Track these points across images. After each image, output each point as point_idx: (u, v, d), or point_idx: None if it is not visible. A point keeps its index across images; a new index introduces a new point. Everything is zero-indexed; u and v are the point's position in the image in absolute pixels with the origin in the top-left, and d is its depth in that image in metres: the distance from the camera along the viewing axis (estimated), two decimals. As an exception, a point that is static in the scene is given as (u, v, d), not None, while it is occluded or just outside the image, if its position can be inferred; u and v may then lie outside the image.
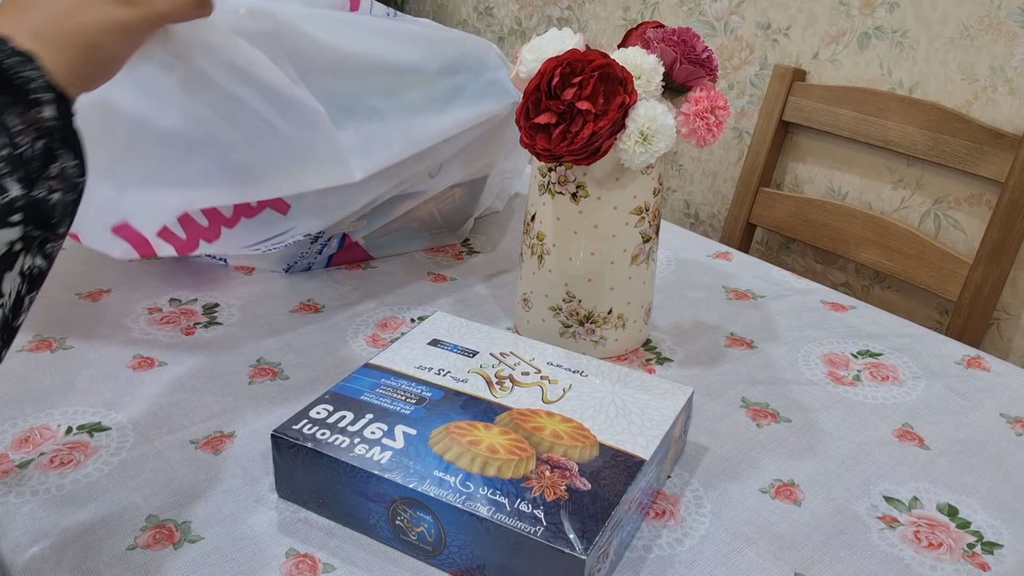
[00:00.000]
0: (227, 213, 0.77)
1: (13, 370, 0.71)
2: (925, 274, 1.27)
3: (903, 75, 1.32)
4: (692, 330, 0.84)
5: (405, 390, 0.61)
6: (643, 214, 0.73)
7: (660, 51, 0.69)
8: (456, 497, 0.51)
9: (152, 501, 0.57)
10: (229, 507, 0.57)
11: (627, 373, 0.64)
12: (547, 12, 1.88)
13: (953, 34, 1.25)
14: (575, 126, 0.65)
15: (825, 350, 0.82)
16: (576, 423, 0.58)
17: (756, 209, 1.48)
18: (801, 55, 1.45)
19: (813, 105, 1.40)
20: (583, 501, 0.51)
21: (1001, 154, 1.18)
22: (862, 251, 1.35)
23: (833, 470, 0.64)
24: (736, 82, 1.56)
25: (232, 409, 0.67)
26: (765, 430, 0.69)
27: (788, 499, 0.61)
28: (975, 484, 0.64)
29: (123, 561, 0.52)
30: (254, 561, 0.53)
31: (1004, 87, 1.21)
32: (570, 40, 0.70)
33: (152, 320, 0.80)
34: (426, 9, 2.20)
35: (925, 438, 0.69)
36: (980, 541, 0.58)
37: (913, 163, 1.33)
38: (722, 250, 1.04)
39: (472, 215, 1.02)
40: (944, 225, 1.31)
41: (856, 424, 0.70)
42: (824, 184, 1.46)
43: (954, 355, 0.82)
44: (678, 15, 1.61)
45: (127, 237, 0.73)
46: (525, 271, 0.78)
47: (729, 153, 1.60)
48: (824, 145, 1.45)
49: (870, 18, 1.34)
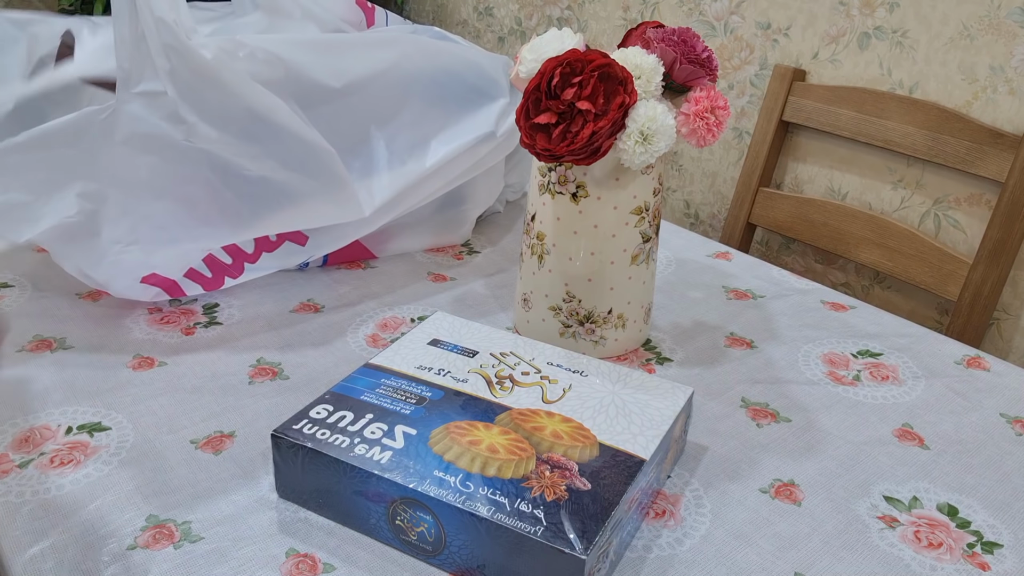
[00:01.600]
0: (248, 249, 0.82)
1: (13, 370, 0.71)
2: (925, 274, 1.27)
3: (903, 75, 1.32)
4: (692, 330, 0.84)
5: (405, 390, 0.61)
6: (643, 214, 0.73)
7: (660, 51, 0.70)
8: (456, 497, 0.51)
9: (152, 501, 0.57)
10: (229, 507, 0.57)
11: (627, 373, 0.64)
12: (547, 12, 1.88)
13: (953, 34, 1.25)
14: (575, 126, 0.65)
15: (825, 350, 0.82)
16: (576, 423, 0.58)
17: (756, 209, 1.48)
18: (801, 55, 1.45)
19: (813, 105, 1.40)
20: (583, 501, 0.51)
21: (1001, 154, 1.18)
22: (862, 251, 1.35)
23: (833, 470, 0.64)
24: (736, 82, 1.56)
25: (232, 409, 0.67)
26: (765, 430, 0.69)
27: (788, 499, 0.61)
28: (975, 484, 0.64)
29: (123, 561, 0.52)
30: (254, 561, 0.53)
31: (1004, 87, 1.21)
32: (570, 40, 0.70)
33: (152, 320, 0.80)
34: (426, 9, 2.20)
35: (925, 438, 0.69)
36: (980, 541, 0.58)
37: (913, 163, 1.33)
38: (722, 250, 1.04)
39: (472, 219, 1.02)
40: (944, 225, 1.31)
41: (856, 424, 0.70)
42: (824, 184, 1.46)
43: (954, 355, 0.82)
44: (678, 15, 1.61)
45: (156, 283, 0.78)
46: (525, 271, 0.78)
47: (729, 153, 1.60)
48: (824, 145, 1.45)
49: (870, 18, 1.34)
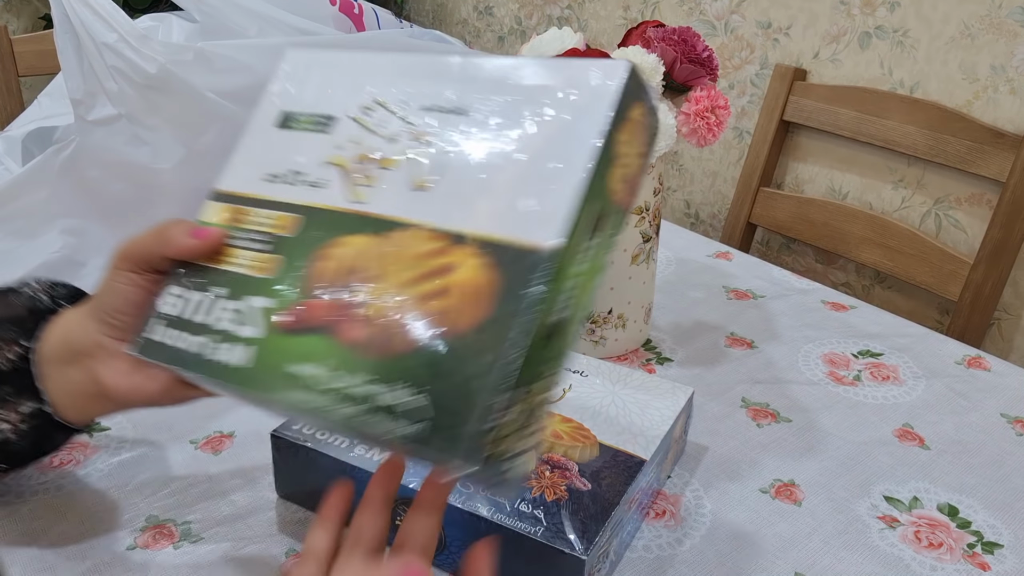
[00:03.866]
0: None
1: (13, 370, 0.71)
2: (926, 274, 1.27)
3: (904, 75, 1.32)
4: (692, 330, 0.84)
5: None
6: (643, 214, 0.73)
7: (660, 50, 0.69)
8: (456, 497, 0.51)
9: (152, 501, 0.57)
10: (229, 507, 0.57)
11: (627, 373, 0.64)
12: (547, 11, 1.88)
13: (954, 33, 1.25)
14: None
15: (825, 350, 0.82)
16: (576, 423, 0.58)
17: (756, 209, 1.48)
18: (802, 54, 1.45)
19: (814, 105, 1.40)
20: (583, 501, 0.51)
21: (1002, 154, 1.18)
22: (863, 251, 1.35)
23: (833, 470, 0.64)
24: (736, 81, 1.56)
25: (232, 409, 0.67)
26: (765, 430, 0.69)
27: (788, 499, 0.61)
28: (975, 484, 0.64)
29: (123, 561, 0.52)
30: (254, 561, 0.53)
31: (1005, 87, 1.21)
32: (570, 39, 0.70)
33: (152, 320, 0.80)
34: (426, 9, 2.20)
35: (925, 438, 0.69)
36: (980, 541, 0.58)
37: (914, 163, 1.33)
38: (722, 250, 1.04)
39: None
40: (945, 225, 1.31)
41: (856, 424, 0.70)
42: (825, 184, 1.46)
43: (954, 355, 0.82)
44: (678, 14, 1.61)
45: None
46: (525, 271, 0.78)
47: (729, 153, 1.60)
48: (825, 145, 1.44)
49: (871, 17, 1.34)
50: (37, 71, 1.35)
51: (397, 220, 0.42)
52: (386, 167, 0.44)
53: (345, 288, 0.41)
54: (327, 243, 0.43)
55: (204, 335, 0.44)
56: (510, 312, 0.38)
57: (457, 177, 0.42)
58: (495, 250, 0.39)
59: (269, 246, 0.45)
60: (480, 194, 0.41)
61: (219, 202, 0.48)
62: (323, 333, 0.41)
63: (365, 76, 0.48)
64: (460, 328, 0.38)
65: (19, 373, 0.49)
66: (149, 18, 0.88)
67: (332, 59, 0.50)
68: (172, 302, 0.46)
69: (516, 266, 0.38)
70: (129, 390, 0.47)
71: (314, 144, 0.47)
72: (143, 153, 0.72)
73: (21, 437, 0.49)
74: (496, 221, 0.40)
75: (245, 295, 0.44)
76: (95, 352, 0.47)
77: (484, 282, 0.39)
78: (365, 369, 0.39)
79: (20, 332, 0.49)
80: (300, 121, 0.49)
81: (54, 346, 0.49)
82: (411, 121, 0.45)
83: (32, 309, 0.50)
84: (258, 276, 0.44)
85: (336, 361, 0.40)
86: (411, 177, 0.43)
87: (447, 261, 0.40)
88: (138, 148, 0.72)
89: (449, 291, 0.39)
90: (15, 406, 0.49)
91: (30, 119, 0.88)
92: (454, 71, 0.45)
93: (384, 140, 0.45)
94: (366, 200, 0.44)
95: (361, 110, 0.47)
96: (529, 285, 0.38)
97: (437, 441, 0.36)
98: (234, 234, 0.46)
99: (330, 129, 0.47)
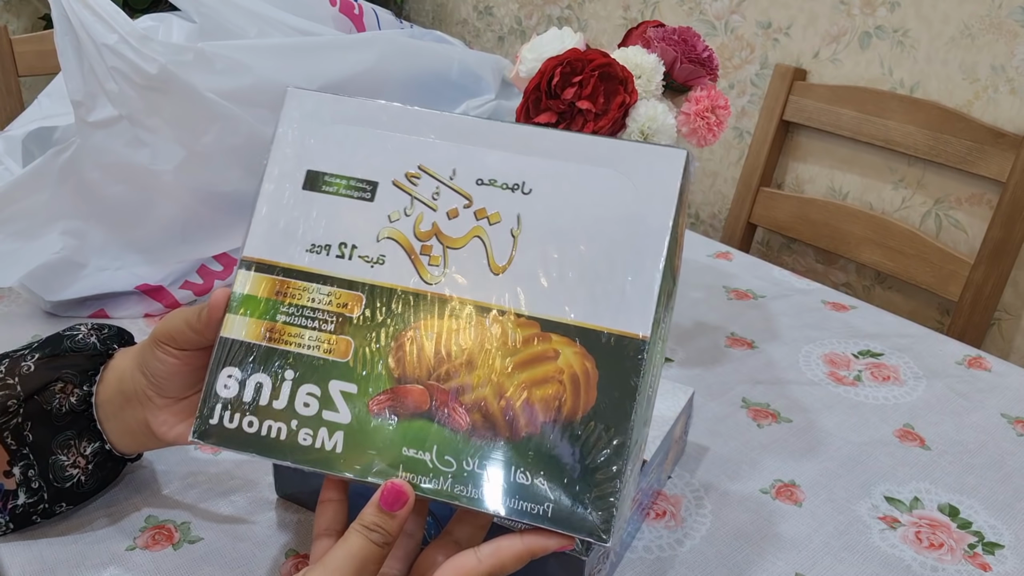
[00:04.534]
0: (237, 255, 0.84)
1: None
2: (926, 274, 1.26)
3: (904, 75, 1.32)
4: (692, 330, 0.84)
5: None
6: (644, 214, 0.73)
7: (661, 50, 0.69)
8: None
9: (152, 501, 0.57)
10: (229, 507, 0.57)
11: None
12: (547, 11, 1.88)
13: (954, 33, 1.25)
14: (575, 125, 0.64)
15: (826, 350, 0.82)
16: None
17: (757, 209, 1.48)
18: (802, 54, 1.44)
19: (814, 105, 1.40)
20: (583, 502, 0.51)
21: (1002, 154, 1.18)
22: (863, 251, 1.34)
23: (834, 470, 0.64)
24: (737, 81, 1.56)
25: (232, 409, 0.67)
26: (766, 430, 0.69)
27: (789, 500, 0.61)
28: (976, 484, 0.64)
29: (123, 561, 0.52)
30: (254, 561, 0.53)
31: (1005, 87, 1.21)
32: (570, 39, 0.70)
33: (150, 321, 0.80)
34: (426, 9, 2.20)
35: (926, 438, 0.69)
36: (981, 541, 0.58)
37: (914, 163, 1.33)
38: (723, 250, 1.04)
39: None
40: (945, 225, 1.31)
41: (857, 424, 0.70)
42: (825, 184, 1.46)
43: (955, 355, 0.82)
44: (678, 14, 1.61)
45: (150, 294, 0.81)
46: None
47: (730, 153, 1.60)
48: (825, 145, 1.44)
49: (871, 17, 1.34)
50: (37, 71, 1.34)
51: (479, 304, 0.43)
52: (453, 247, 0.44)
53: (439, 373, 0.42)
54: (405, 326, 0.43)
55: (281, 420, 0.43)
56: (620, 398, 0.40)
57: (531, 259, 0.43)
58: (590, 337, 0.41)
59: (332, 326, 0.44)
60: (560, 279, 0.42)
61: (257, 272, 0.45)
62: (425, 419, 0.42)
63: (397, 133, 0.46)
64: (571, 415, 0.41)
65: (80, 416, 0.52)
66: (149, 18, 0.88)
67: (351, 109, 0.47)
68: (232, 386, 0.44)
69: (616, 354, 0.41)
70: (176, 438, 0.51)
71: (359, 213, 0.45)
72: (143, 155, 0.72)
73: (89, 477, 0.53)
74: (583, 308, 0.42)
75: (325, 379, 0.43)
76: (145, 403, 0.51)
77: (588, 369, 0.41)
78: (473, 454, 0.41)
79: (80, 377, 0.52)
80: (334, 184, 0.46)
81: (110, 391, 0.52)
82: (467, 193, 0.45)
83: (87, 354, 0.53)
84: (331, 359, 0.43)
85: (443, 447, 0.41)
86: (483, 258, 0.44)
87: (545, 348, 0.42)
88: (138, 150, 0.72)
89: (553, 379, 0.41)
90: (80, 449, 0.52)
91: (30, 119, 0.88)
92: (504, 138, 0.45)
93: (442, 215, 0.44)
94: (437, 282, 0.44)
95: (405, 176, 0.45)
96: (636, 373, 0.40)
97: (564, 524, 0.40)
98: (285, 310, 0.45)
99: (373, 196, 0.45)
